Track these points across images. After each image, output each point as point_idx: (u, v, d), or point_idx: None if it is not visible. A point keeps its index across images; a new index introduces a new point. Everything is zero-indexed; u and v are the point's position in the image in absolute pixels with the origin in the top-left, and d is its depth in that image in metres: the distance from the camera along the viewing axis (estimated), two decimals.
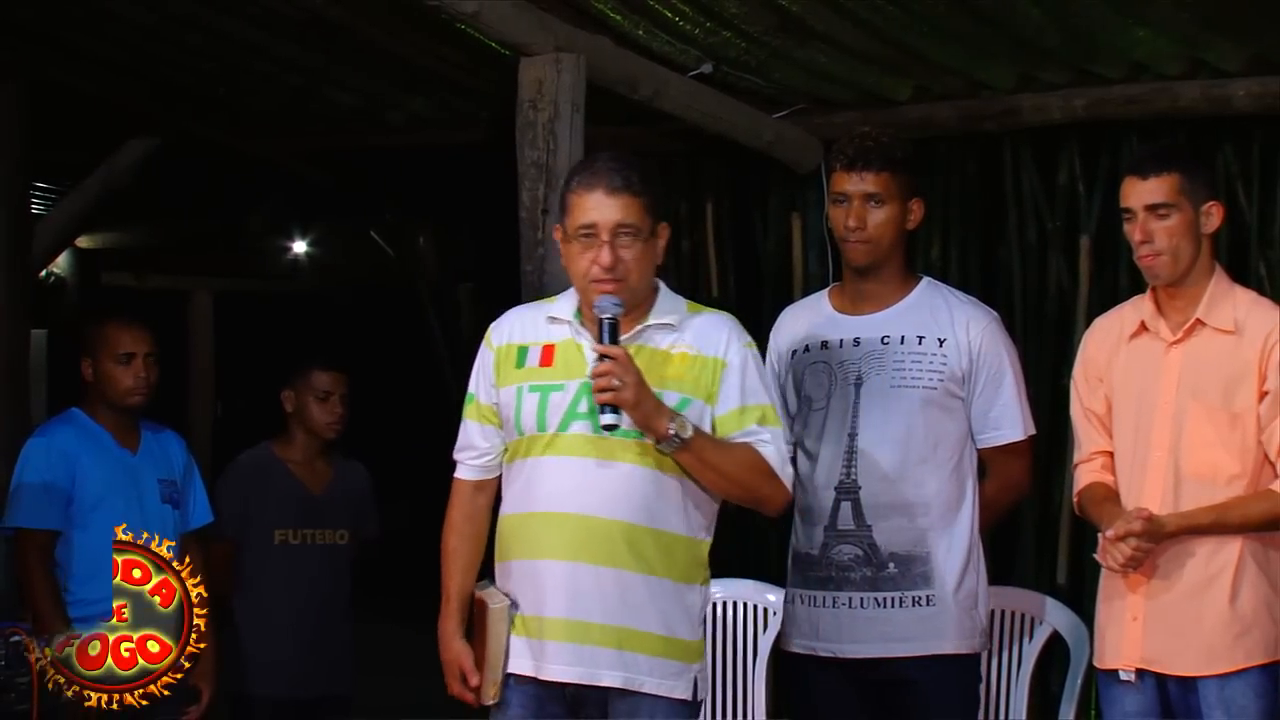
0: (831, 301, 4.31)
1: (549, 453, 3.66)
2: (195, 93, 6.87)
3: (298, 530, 5.49)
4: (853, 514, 4.11)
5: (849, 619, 4.09)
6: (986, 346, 4.16)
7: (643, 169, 3.70)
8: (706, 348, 3.70)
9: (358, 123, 7.10)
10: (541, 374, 3.70)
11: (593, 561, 3.61)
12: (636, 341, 3.68)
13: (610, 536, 3.61)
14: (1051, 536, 6.13)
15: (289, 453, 5.59)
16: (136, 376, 4.97)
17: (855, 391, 4.14)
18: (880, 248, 4.16)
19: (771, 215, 6.75)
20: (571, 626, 3.62)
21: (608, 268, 3.61)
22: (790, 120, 6.30)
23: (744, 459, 3.66)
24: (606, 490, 3.62)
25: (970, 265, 6.41)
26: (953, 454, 4.13)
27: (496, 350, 3.79)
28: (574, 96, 5.00)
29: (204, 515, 5.21)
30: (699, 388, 3.67)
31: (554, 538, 3.63)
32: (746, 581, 5.06)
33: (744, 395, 3.69)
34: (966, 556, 4.12)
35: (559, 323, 3.74)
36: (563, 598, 3.62)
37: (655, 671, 3.64)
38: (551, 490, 3.65)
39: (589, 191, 3.65)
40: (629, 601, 3.62)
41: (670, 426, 3.55)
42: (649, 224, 3.66)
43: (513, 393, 3.72)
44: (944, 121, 6.16)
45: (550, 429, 3.66)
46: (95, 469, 4.91)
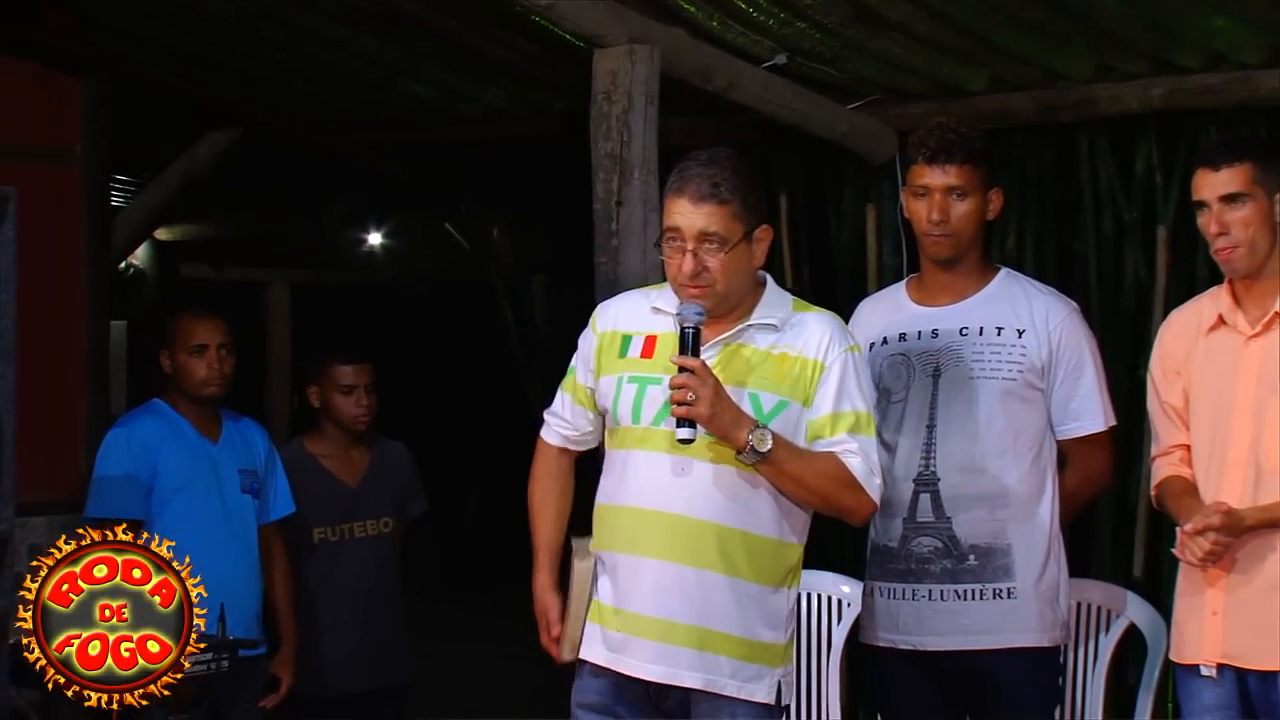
0: (909, 293, 4.28)
1: (641, 447, 3.63)
2: (273, 86, 6.90)
3: (335, 526, 5.44)
4: (932, 506, 4.07)
5: (929, 611, 4.06)
6: (1066, 337, 4.13)
7: (738, 171, 3.62)
8: (807, 349, 3.64)
9: (433, 116, 7.10)
10: (642, 365, 3.66)
11: (678, 560, 3.57)
12: (737, 340, 3.64)
13: (696, 536, 3.57)
14: (1128, 530, 6.06)
15: (321, 447, 5.55)
16: (210, 367, 4.99)
17: (934, 383, 4.10)
18: (962, 240, 4.13)
19: (846, 207, 6.71)
20: (654, 624, 3.59)
21: (690, 276, 3.58)
22: (864, 111, 6.25)
23: (827, 470, 3.60)
24: (695, 489, 3.58)
25: (1046, 257, 6.34)
26: (1033, 445, 4.09)
27: (601, 336, 3.76)
28: (648, 88, 4.97)
29: (285, 505, 5.22)
30: (797, 390, 3.62)
31: (640, 534, 3.61)
32: (822, 573, 5.02)
33: (838, 401, 3.63)
34: (1047, 548, 4.08)
35: (663, 314, 3.70)
36: (648, 595, 3.59)
37: (737, 674, 3.60)
38: (641, 486, 3.62)
39: (677, 197, 3.61)
40: (712, 602, 3.58)
41: (749, 439, 3.50)
42: (740, 230, 3.59)
43: (613, 382, 3.69)
44: (1019, 112, 6.10)
45: (644, 422, 3.63)
46: (176, 458, 4.94)
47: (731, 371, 3.60)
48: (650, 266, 4.97)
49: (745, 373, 3.59)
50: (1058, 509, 4.12)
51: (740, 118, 6.18)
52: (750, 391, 3.58)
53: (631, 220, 4.93)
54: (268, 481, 5.15)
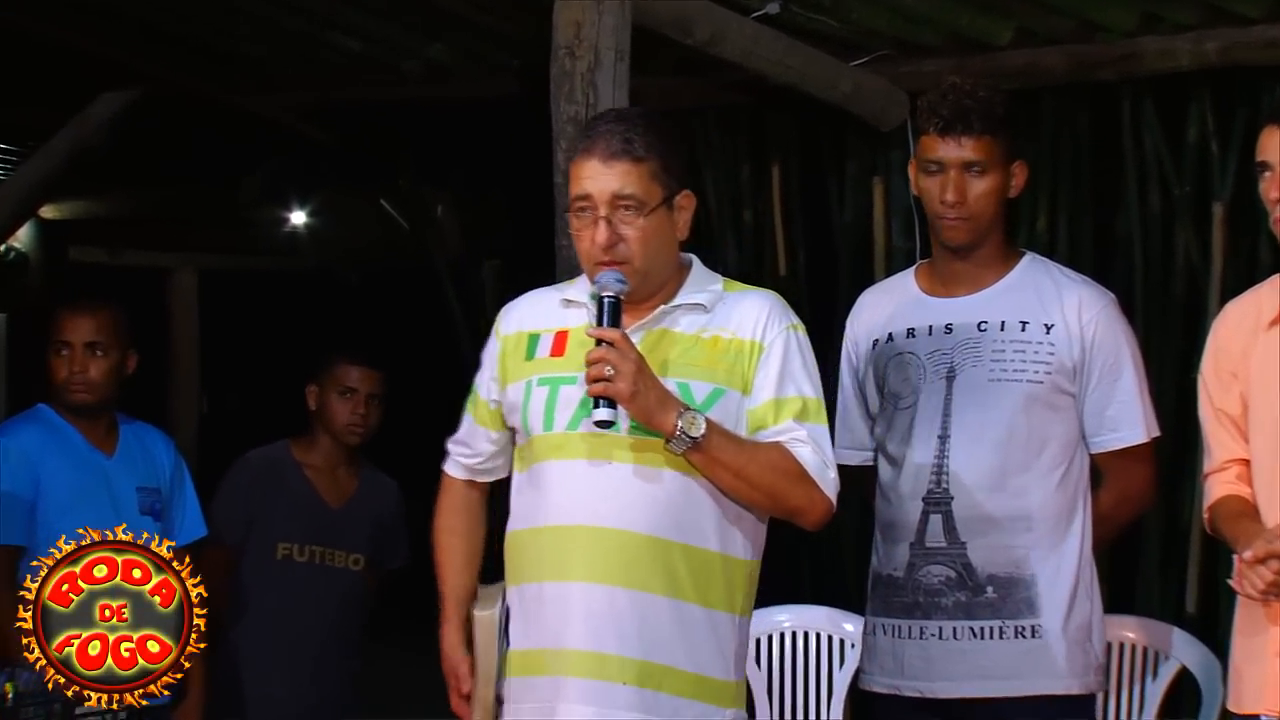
0: (918, 282, 4.31)
1: (558, 456, 3.62)
2: (178, 39, 6.91)
3: (305, 546, 5.50)
4: (944, 529, 4.11)
5: (940, 652, 4.09)
6: (1101, 333, 4.16)
7: (653, 127, 3.67)
8: (742, 330, 3.66)
9: (367, 73, 7.13)
10: (553, 365, 3.67)
11: (609, 582, 3.56)
12: (660, 325, 3.66)
13: (629, 552, 3.56)
14: (1179, 558, 6.11)
15: (308, 456, 5.62)
16: (70, 370, 4.99)
17: (947, 386, 4.14)
18: (982, 223, 4.15)
19: (849, 180, 6.75)
20: (586, 659, 3.57)
21: (605, 247, 3.59)
22: (871, 69, 6.29)
23: (772, 462, 3.60)
24: (625, 498, 3.57)
25: (1082, 239, 6.39)
26: (1061, 459, 4.13)
27: (504, 340, 3.79)
28: (618, 42, 5.01)
29: (194, 529, 5.21)
30: (733, 376, 3.64)
31: (563, 556, 3.60)
32: (820, 609, 5.06)
33: (781, 384, 3.64)
34: (1077, 580, 4.11)
35: (575, 306, 3.72)
36: (577, 626, 3.58)
37: (680, 714, 3.59)
38: (560, 499, 3.62)
39: (585, 159, 3.63)
40: (652, 630, 3.57)
41: (678, 422, 3.51)
42: (659, 192, 3.62)
43: (520, 389, 3.70)
44: (1051, 70, 6.14)
45: (559, 427, 3.62)
46: (63, 474, 4.92)
47: (656, 360, 3.59)
48: None
49: (672, 360, 3.60)
50: (1090, 534, 4.15)
51: (725, 77, 6.23)
52: (679, 380, 3.58)
53: None
54: (173, 500, 5.14)
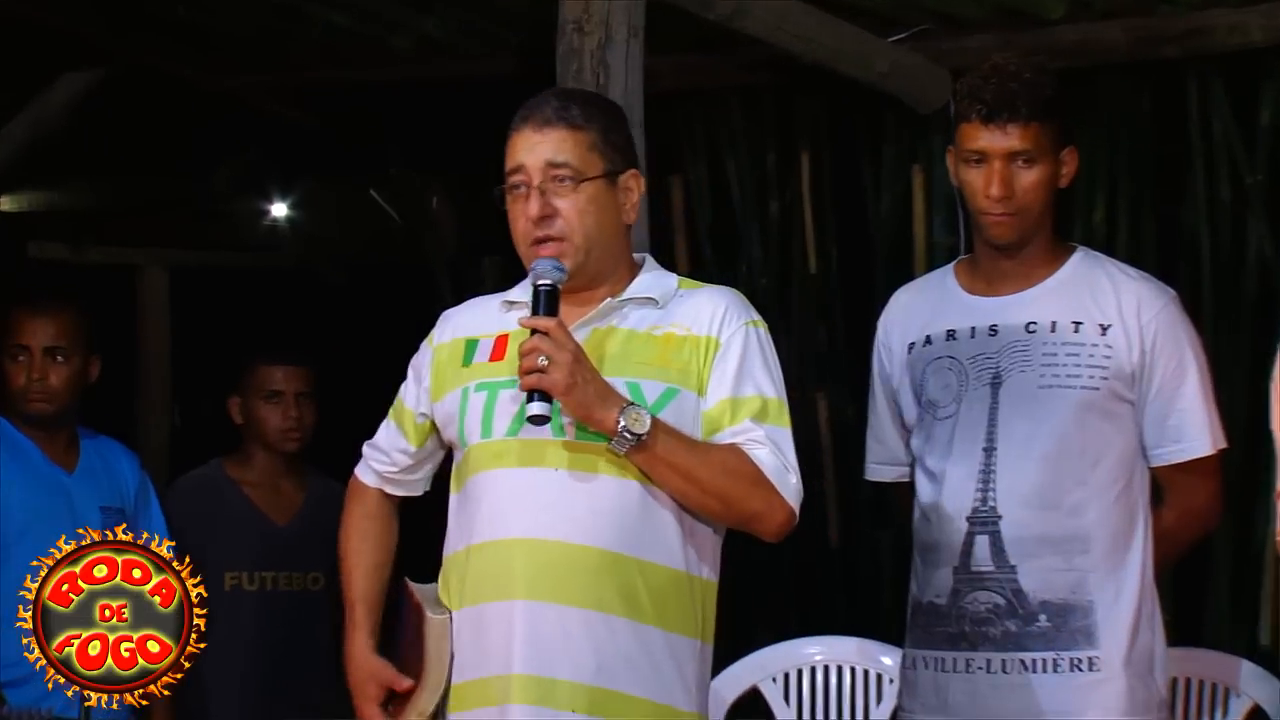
0: (959, 279, 4.32)
1: (496, 464, 3.60)
2: (147, 14, 6.93)
3: (255, 573, 5.50)
4: (991, 551, 4.11)
5: (987, 687, 4.09)
6: (1163, 335, 4.15)
7: (596, 102, 3.69)
8: (697, 325, 3.64)
9: (354, 51, 7.14)
10: (491, 370, 3.66)
11: (556, 600, 3.52)
12: (607, 321, 3.65)
13: (580, 568, 3.53)
14: (1251, 584, 6.11)
15: (245, 474, 5.61)
16: (29, 377, 5.00)
17: (992, 394, 4.14)
18: (1030, 217, 4.14)
19: (886, 168, 6.75)
20: (533, 684, 3.53)
21: (537, 219, 3.58)
22: (910, 45, 6.30)
23: (725, 464, 3.56)
24: (573, 507, 3.54)
25: (1144, 232, 6.38)
26: (1119, 474, 4.12)
27: (437, 350, 3.78)
28: (631, 16, 5.02)
29: None
30: (688, 375, 3.61)
31: (505, 573, 3.56)
32: (854, 640, 5.06)
33: (739, 383, 3.61)
34: (1138, 606, 4.10)
35: (517, 307, 3.69)
36: (520, 649, 3.53)
37: None
38: (502, 511, 3.59)
39: (519, 130, 3.63)
40: (607, 654, 3.53)
41: (620, 419, 3.47)
42: (599, 164, 3.61)
43: (457, 397, 3.69)
44: (1110, 46, 6.14)
45: (498, 434, 3.60)
46: (19, 493, 4.95)
47: (605, 359, 3.59)
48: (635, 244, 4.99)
49: (621, 359, 3.59)
50: (1152, 556, 4.15)
51: (749, 55, 6.24)
52: (629, 380, 3.56)
53: None
54: (138, 520, 5.15)
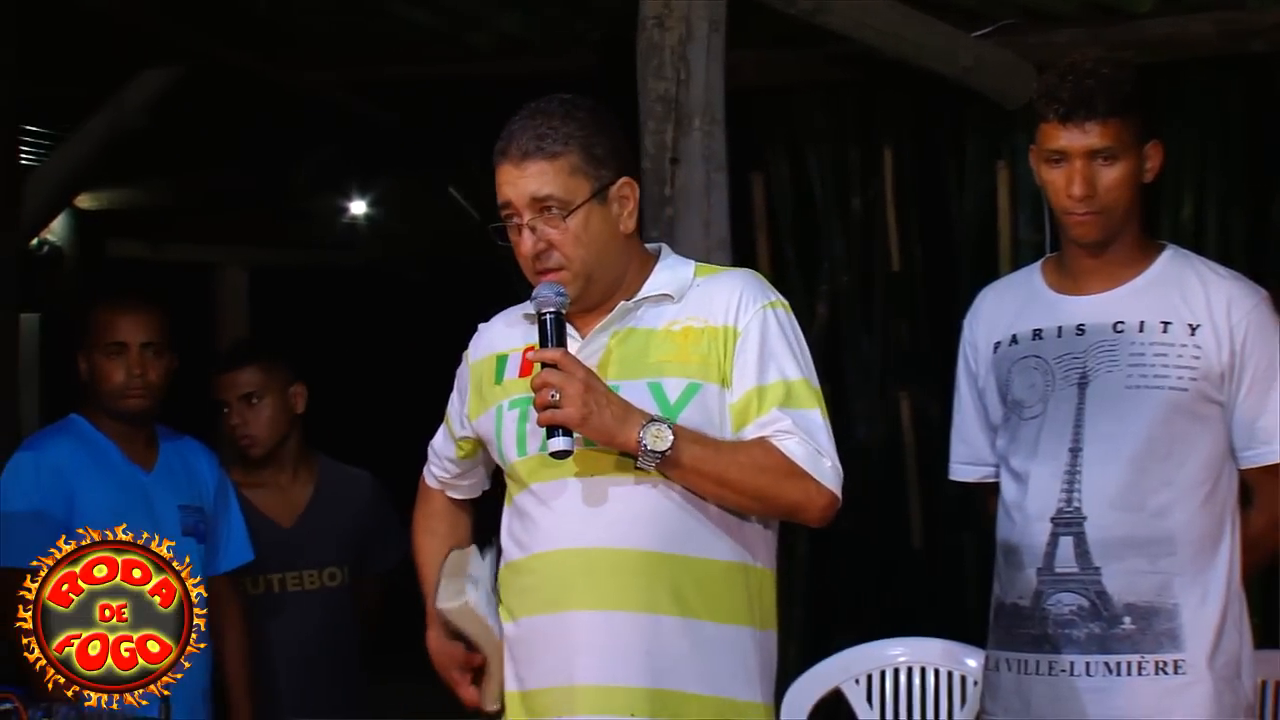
0: (1046, 278, 4.29)
1: (538, 479, 3.61)
2: (225, 9, 6.97)
3: (262, 576, 5.51)
4: (1075, 553, 4.09)
5: (1070, 691, 4.07)
6: (1253, 335, 4.12)
7: (572, 116, 3.64)
8: (714, 316, 3.62)
9: (432, 47, 7.16)
10: (522, 385, 3.63)
11: (609, 607, 3.54)
12: (624, 324, 3.64)
13: (627, 572, 3.54)
14: None
15: (240, 475, 5.55)
16: (130, 373, 5.02)
17: (1079, 394, 4.12)
18: (1115, 216, 4.11)
19: (970, 165, 6.74)
20: (593, 694, 3.54)
21: (533, 256, 3.58)
22: (995, 40, 6.28)
23: (755, 461, 3.55)
24: (615, 513, 3.55)
25: (1234, 230, 6.35)
26: (1207, 476, 4.10)
27: (474, 368, 3.80)
28: (711, 11, 5.02)
29: (240, 553, 5.27)
30: (709, 368, 3.59)
31: (557, 585, 3.58)
32: (937, 641, 5.06)
33: (762, 370, 3.58)
34: (1225, 610, 4.08)
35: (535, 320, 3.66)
36: (579, 659, 3.55)
37: None
38: (547, 525, 3.60)
39: (499, 163, 3.63)
40: (662, 654, 3.54)
41: (642, 437, 3.47)
42: (585, 187, 3.59)
43: (492, 416, 3.70)
44: (1199, 40, 6.11)
45: (533, 450, 3.60)
46: (98, 491, 4.96)
47: (623, 363, 3.59)
48: (715, 243, 5.01)
49: (639, 360, 3.58)
50: (1239, 560, 4.12)
51: (832, 50, 6.24)
52: (650, 381, 3.56)
53: (690, 182, 4.98)
54: (218, 521, 5.19)
